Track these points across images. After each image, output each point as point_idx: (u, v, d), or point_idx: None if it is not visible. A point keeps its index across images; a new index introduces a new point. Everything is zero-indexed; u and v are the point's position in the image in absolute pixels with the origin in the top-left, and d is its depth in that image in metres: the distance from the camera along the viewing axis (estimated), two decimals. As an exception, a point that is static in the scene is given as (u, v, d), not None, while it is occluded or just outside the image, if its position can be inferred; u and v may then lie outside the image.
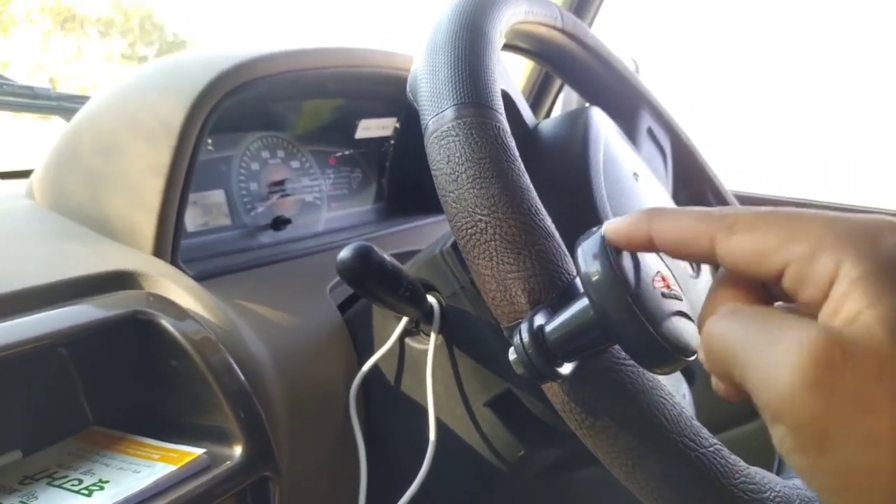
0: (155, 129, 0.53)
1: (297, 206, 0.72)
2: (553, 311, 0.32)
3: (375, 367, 0.55)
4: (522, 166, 0.36)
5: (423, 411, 0.53)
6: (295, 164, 0.73)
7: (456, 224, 0.35)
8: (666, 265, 0.31)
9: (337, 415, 0.54)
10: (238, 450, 0.42)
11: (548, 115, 1.07)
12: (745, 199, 0.69)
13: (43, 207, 0.59)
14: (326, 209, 0.75)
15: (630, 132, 0.61)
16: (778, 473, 0.46)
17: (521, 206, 0.34)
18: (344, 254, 0.45)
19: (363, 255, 0.45)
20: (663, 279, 0.29)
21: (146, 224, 0.52)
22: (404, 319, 0.54)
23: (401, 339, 0.54)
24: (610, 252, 0.27)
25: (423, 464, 0.51)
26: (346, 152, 0.77)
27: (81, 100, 0.71)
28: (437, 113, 0.37)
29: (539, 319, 0.31)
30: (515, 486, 0.58)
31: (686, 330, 0.28)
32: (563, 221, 0.36)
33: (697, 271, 0.53)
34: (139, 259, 0.51)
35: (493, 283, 0.34)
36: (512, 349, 0.31)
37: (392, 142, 0.80)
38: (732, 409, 0.53)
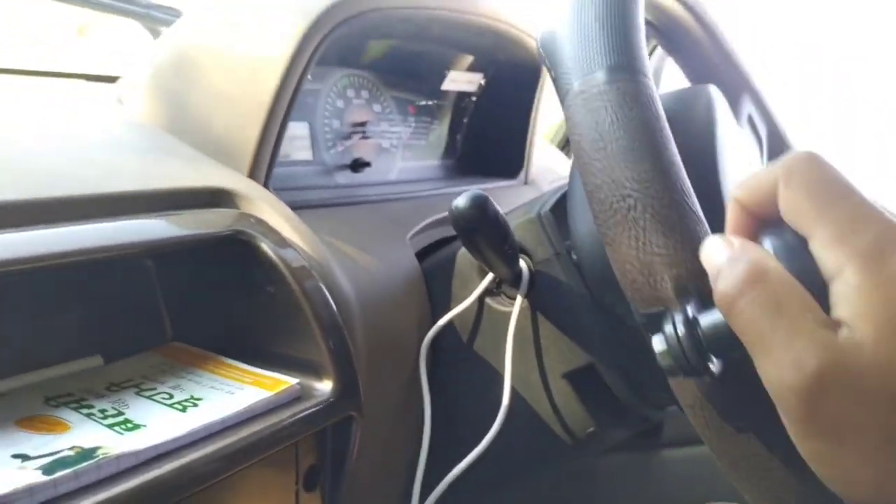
0: (264, 52, 0.51)
1: (374, 150, 0.70)
2: (702, 303, 0.30)
3: (450, 323, 0.54)
4: (673, 140, 0.34)
5: (495, 373, 0.53)
6: (377, 107, 0.71)
7: (598, 195, 0.33)
8: None
9: (407, 365, 0.53)
10: (328, 384, 0.42)
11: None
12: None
13: (137, 117, 0.57)
14: (401, 158, 0.73)
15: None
16: None
17: (675, 185, 0.32)
18: (461, 201, 0.44)
19: (480, 204, 0.44)
20: None
21: (245, 145, 0.51)
22: (487, 278, 0.52)
23: (481, 297, 0.53)
24: (793, 249, 0.26)
25: (490, 427, 0.50)
26: (428, 102, 0.75)
27: (172, 11, 0.68)
28: (587, 74, 0.34)
29: (690, 310, 0.29)
30: (575, 464, 0.58)
31: None
32: None
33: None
34: (236, 179, 0.49)
35: (637, 264, 0.32)
36: (659, 339, 0.29)
37: (474, 99, 0.78)
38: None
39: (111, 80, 0.63)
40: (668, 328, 0.29)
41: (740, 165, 0.49)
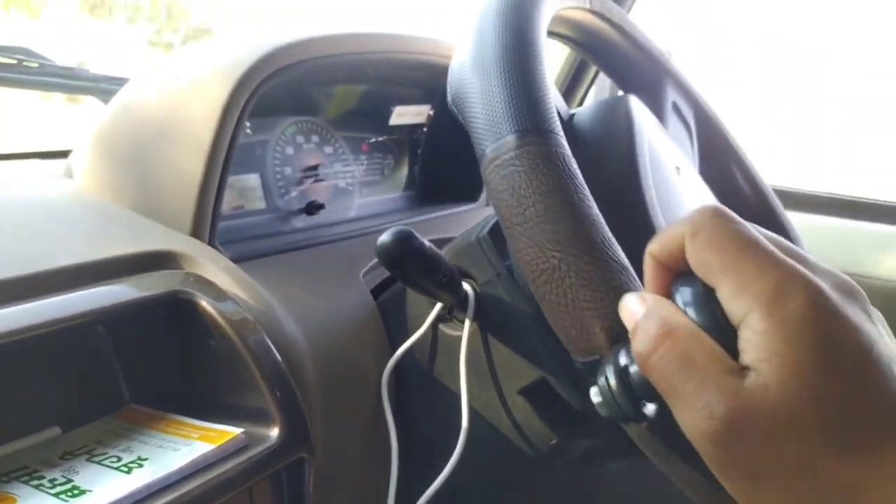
0: (197, 111, 0.53)
1: (329, 191, 0.72)
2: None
3: (408, 351, 0.55)
4: (589, 193, 0.35)
5: (455, 397, 0.53)
6: (328, 149, 0.73)
7: (524, 258, 0.34)
8: None
9: (369, 398, 0.54)
10: (275, 430, 0.43)
11: (580, 103, 1.06)
12: (781, 194, 0.67)
13: (82, 188, 0.60)
14: (358, 195, 0.75)
15: (654, 107, 0.59)
16: None
17: (594, 242, 0.33)
18: (384, 238, 0.45)
19: (403, 239, 0.45)
20: None
21: (185, 204, 0.52)
22: (438, 305, 0.53)
23: (434, 324, 0.54)
24: (705, 300, 0.26)
25: (454, 449, 0.51)
26: (379, 139, 0.77)
27: (119, 81, 0.71)
28: (496, 140, 0.35)
29: (622, 359, 0.30)
30: (547, 474, 0.58)
31: None
32: (611, 220, 0.35)
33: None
34: (178, 239, 0.51)
35: (568, 319, 0.33)
36: (595, 390, 0.30)
37: (425, 129, 0.79)
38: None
39: (65, 154, 0.65)
40: (602, 379, 0.30)
41: (667, 172, 0.50)
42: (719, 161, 0.63)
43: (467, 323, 0.52)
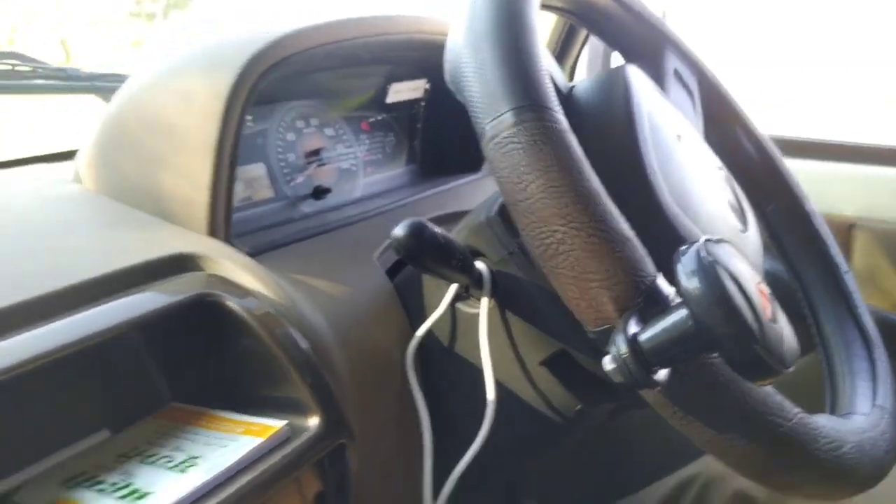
0: (200, 106, 0.54)
1: (334, 174, 0.72)
2: (642, 317, 0.32)
3: (429, 331, 0.57)
4: (589, 166, 0.35)
5: (478, 372, 0.55)
6: (329, 132, 0.73)
7: (530, 233, 0.35)
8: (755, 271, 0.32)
9: (396, 380, 0.56)
10: (315, 420, 0.45)
11: (573, 69, 1.05)
12: (781, 143, 0.68)
13: (92, 191, 0.60)
14: (363, 175, 0.76)
15: (656, 75, 0.60)
16: (832, 411, 0.49)
17: (596, 213, 0.34)
18: (398, 231, 0.46)
19: (417, 232, 0.46)
20: (761, 291, 0.30)
21: (198, 204, 0.53)
22: (454, 285, 0.55)
23: (452, 304, 0.56)
24: (709, 267, 0.28)
25: (481, 422, 0.53)
26: (379, 117, 0.78)
27: (115, 78, 0.71)
28: (494, 117, 0.36)
29: (632, 327, 0.31)
30: (576, 437, 0.61)
31: (785, 339, 0.29)
32: (613, 191, 0.36)
33: (745, 225, 0.53)
34: (196, 240, 0.52)
35: (576, 291, 0.34)
36: (608, 359, 0.32)
37: (423, 103, 0.80)
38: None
39: (69, 155, 0.65)
40: (614, 348, 0.32)
41: (668, 140, 0.51)
42: (724, 124, 0.64)
43: (484, 301, 0.53)
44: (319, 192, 0.69)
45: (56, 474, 0.42)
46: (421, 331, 0.56)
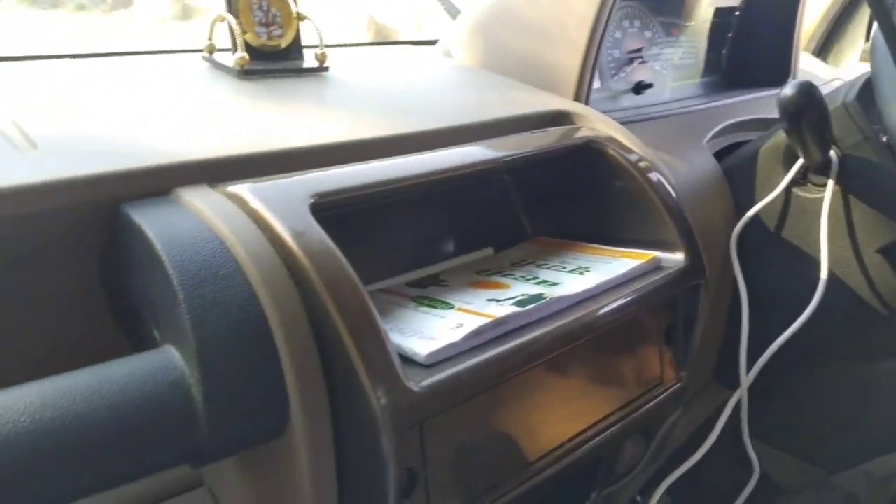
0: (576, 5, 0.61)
1: (651, 72, 0.77)
2: None
3: (755, 215, 0.60)
4: None
5: (805, 256, 0.58)
6: (648, 33, 0.77)
7: None
8: None
9: (717, 257, 0.61)
10: (680, 255, 0.51)
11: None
12: None
13: (469, 63, 0.70)
14: (671, 79, 0.80)
15: None
16: None
17: None
18: (788, 89, 0.50)
19: (807, 90, 0.49)
20: None
21: (569, 74, 0.61)
22: (795, 167, 0.58)
23: (787, 188, 0.59)
24: None
25: (802, 303, 0.56)
26: (690, 23, 0.81)
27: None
28: None
29: None
30: (891, 334, 0.62)
31: None
32: None
33: None
34: (568, 103, 0.60)
35: None
36: None
37: (737, 13, 0.81)
38: None
39: (431, 43, 0.76)
40: None
41: None
42: None
43: (830, 183, 0.56)
44: (640, 88, 0.74)
45: (466, 269, 0.52)
46: (752, 211, 0.60)
